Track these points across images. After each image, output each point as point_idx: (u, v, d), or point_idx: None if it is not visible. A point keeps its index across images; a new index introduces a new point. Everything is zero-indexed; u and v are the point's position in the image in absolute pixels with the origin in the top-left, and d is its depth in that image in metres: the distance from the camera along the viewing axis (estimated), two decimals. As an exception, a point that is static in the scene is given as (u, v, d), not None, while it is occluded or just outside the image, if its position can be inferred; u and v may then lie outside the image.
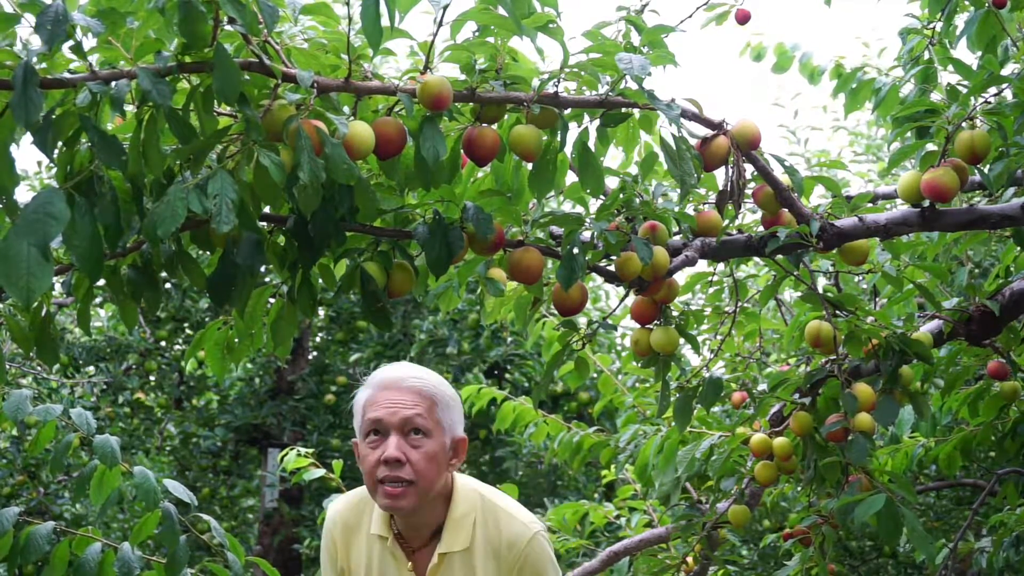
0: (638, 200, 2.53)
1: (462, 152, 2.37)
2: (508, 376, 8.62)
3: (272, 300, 2.56)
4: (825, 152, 7.40)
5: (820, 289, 2.84)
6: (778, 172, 2.56)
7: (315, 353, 9.63)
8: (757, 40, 4.66)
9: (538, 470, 8.42)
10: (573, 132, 2.39)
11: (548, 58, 2.34)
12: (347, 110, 2.27)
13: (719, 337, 3.30)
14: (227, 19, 2.04)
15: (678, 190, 2.46)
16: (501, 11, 2.20)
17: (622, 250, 2.46)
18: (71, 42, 1.95)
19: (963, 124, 2.57)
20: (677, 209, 2.54)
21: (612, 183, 2.55)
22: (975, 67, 2.90)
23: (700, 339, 3.24)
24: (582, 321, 6.10)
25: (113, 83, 2.01)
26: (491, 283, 2.54)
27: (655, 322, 2.67)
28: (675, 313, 2.73)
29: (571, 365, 2.86)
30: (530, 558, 2.28)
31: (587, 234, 2.46)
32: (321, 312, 9.22)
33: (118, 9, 2.00)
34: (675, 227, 2.60)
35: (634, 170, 2.60)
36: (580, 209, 2.62)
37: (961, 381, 3.34)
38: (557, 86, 2.32)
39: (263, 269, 2.33)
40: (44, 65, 2.01)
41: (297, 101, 2.14)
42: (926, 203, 2.62)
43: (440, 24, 2.22)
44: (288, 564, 9.10)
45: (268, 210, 2.32)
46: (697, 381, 2.96)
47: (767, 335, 4.43)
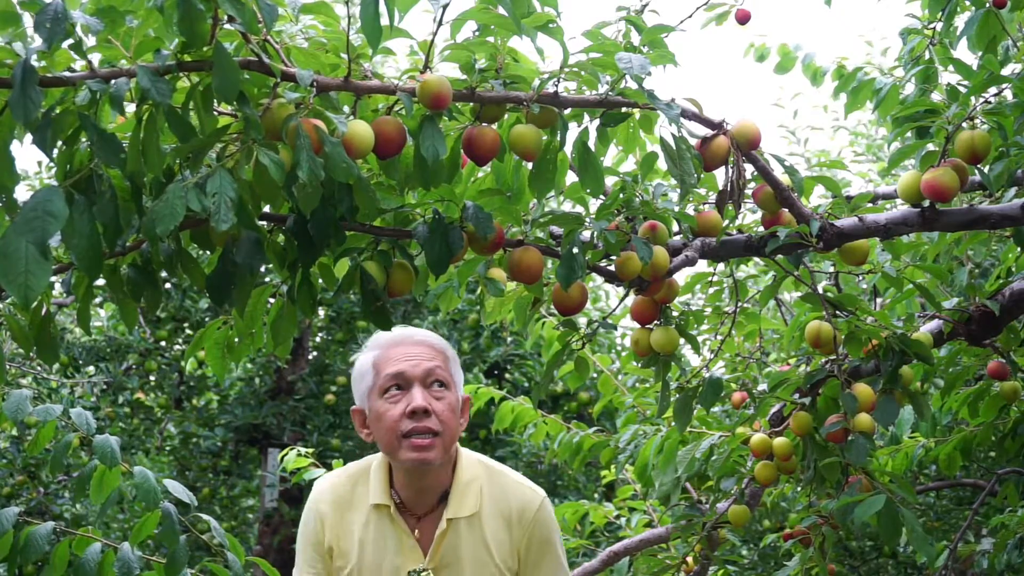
0: (638, 200, 2.52)
1: (462, 151, 2.36)
2: (508, 376, 8.62)
3: (272, 299, 2.56)
4: (825, 152, 7.40)
5: (820, 289, 2.84)
6: (778, 172, 2.56)
7: (315, 353, 9.62)
8: (761, 41, 4.67)
9: (538, 470, 8.42)
10: (573, 132, 2.39)
11: (548, 58, 2.34)
12: (347, 109, 2.27)
13: (719, 337, 3.30)
14: (226, 18, 2.04)
15: (678, 190, 2.46)
16: (501, 10, 2.19)
17: (622, 250, 2.46)
18: (70, 40, 1.95)
19: (963, 124, 2.57)
20: (677, 209, 2.54)
21: (612, 183, 2.54)
22: (975, 67, 2.89)
23: (700, 339, 3.24)
24: (582, 321, 6.10)
25: (112, 81, 2.00)
26: (491, 283, 2.54)
27: (655, 322, 2.67)
28: (675, 313, 2.72)
29: (571, 365, 2.86)
30: (540, 523, 2.28)
31: (587, 234, 2.46)
32: (321, 312, 9.21)
33: (117, 8, 2.00)
34: (675, 227, 2.59)
35: (634, 169, 2.60)
36: (580, 209, 2.62)
37: (961, 381, 3.34)
38: (557, 86, 2.31)
39: (263, 268, 2.32)
40: (43, 64, 2.01)
41: (296, 100, 2.14)
42: (926, 203, 2.61)
43: (440, 23, 2.22)
44: (288, 564, 9.04)
45: (268, 209, 2.32)
46: (697, 381, 2.96)
47: (767, 335, 4.43)
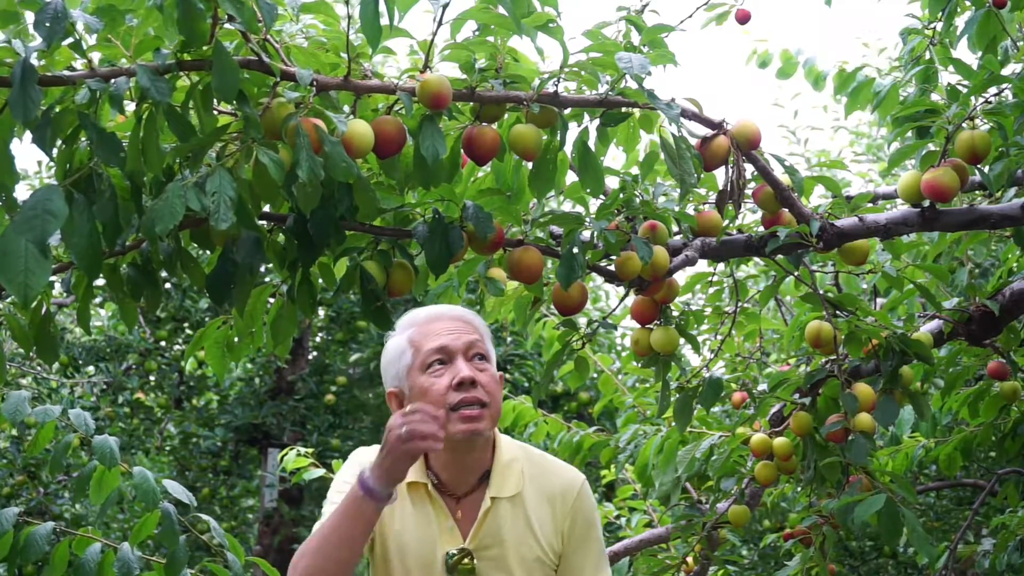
0: (638, 200, 2.52)
1: (462, 151, 2.36)
2: (508, 376, 8.62)
3: (272, 299, 2.56)
4: (825, 152, 7.40)
5: (820, 289, 2.83)
6: (778, 172, 2.56)
7: (315, 353, 9.62)
8: (763, 48, 4.67)
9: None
10: (573, 131, 2.39)
11: (548, 57, 2.35)
12: (346, 109, 2.27)
13: (719, 337, 3.30)
14: (226, 17, 2.04)
15: (678, 190, 2.46)
16: (501, 10, 2.19)
17: (622, 250, 2.46)
18: (70, 39, 1.95)
19: (963, 124, 2.57)
20: (677, 209, 2.54)
21: (612, 183, 2.54)
22: (975, 67, 2.89)
23: (700, 339, 3.23)
24: (582, 321, 6.10)
25: (112, 80, 2.00)
26: (491, 283, 2.54)
27: (655, 322, 2.67)
28: (675, 313, 2.72)
29: (571, 365, 2.86)
30: (584, 505, 2.26)
31: (587, 234, 2.46)
32: (321, 312, 9.20)
33: (117, 7, 2.00)
34: (675, 227, 2.59)
35: (634, 170, 2.60)
36: (580, 209, 2.62)
37: (961, 381, 3.34)
38: (557, 85, 2.31)
39: (263, 268, 2.32)
40: (43, 62, 2.01)
41: (296, 99, 2.14)
42: (926, 203, 2.62)
43: (440, 23, 2.22)
44: (288, 564, 9.08)
45: (267, 208, 2.32)
46: (697, 381, 2.96)
47: (767, 335, 4.43)
